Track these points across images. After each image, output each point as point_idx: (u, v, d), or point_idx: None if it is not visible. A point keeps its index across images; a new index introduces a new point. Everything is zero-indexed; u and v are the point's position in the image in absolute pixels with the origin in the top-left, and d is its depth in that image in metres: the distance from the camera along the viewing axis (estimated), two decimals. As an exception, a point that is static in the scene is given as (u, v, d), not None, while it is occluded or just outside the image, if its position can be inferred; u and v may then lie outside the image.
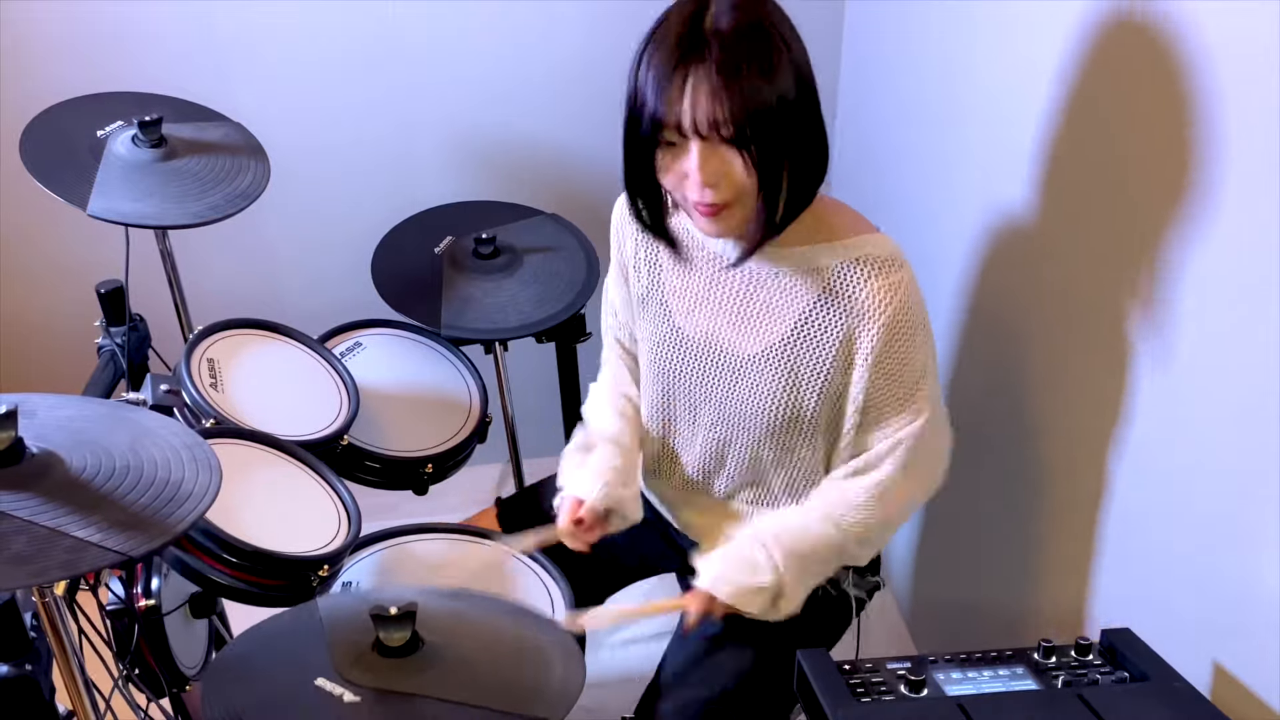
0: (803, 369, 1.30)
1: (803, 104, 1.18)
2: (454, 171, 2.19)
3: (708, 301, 1.36)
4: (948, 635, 1.92)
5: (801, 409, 1.32)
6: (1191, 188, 1.15)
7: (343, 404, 1.64)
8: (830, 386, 1.30)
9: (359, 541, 1.47)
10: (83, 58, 1.97)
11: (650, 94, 1.16)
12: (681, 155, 1.18)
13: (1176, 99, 1.15)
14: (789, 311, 1.30)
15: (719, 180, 1.18)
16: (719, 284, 1.35)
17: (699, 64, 1.13)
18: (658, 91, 1.15)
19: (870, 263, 1.25)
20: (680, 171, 1.20)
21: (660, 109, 1.15)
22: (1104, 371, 1.34)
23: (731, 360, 1.35)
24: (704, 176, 1.17)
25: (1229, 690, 1.15)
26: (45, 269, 2.16)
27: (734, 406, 1.37)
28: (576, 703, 1.08)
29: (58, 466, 1.01)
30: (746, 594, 1.29)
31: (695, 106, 1.14)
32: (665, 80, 1.14)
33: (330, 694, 1.04)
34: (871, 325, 1.25)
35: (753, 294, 1.33)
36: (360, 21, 2.02)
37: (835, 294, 1.27)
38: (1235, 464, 1.13)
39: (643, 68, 1.17)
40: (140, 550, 0.95)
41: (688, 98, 1.14)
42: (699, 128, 1.15)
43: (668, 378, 1.42)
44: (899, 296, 1.25)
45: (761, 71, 1.13)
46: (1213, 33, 1.11)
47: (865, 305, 1.25)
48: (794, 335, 1.30)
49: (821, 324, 1.28)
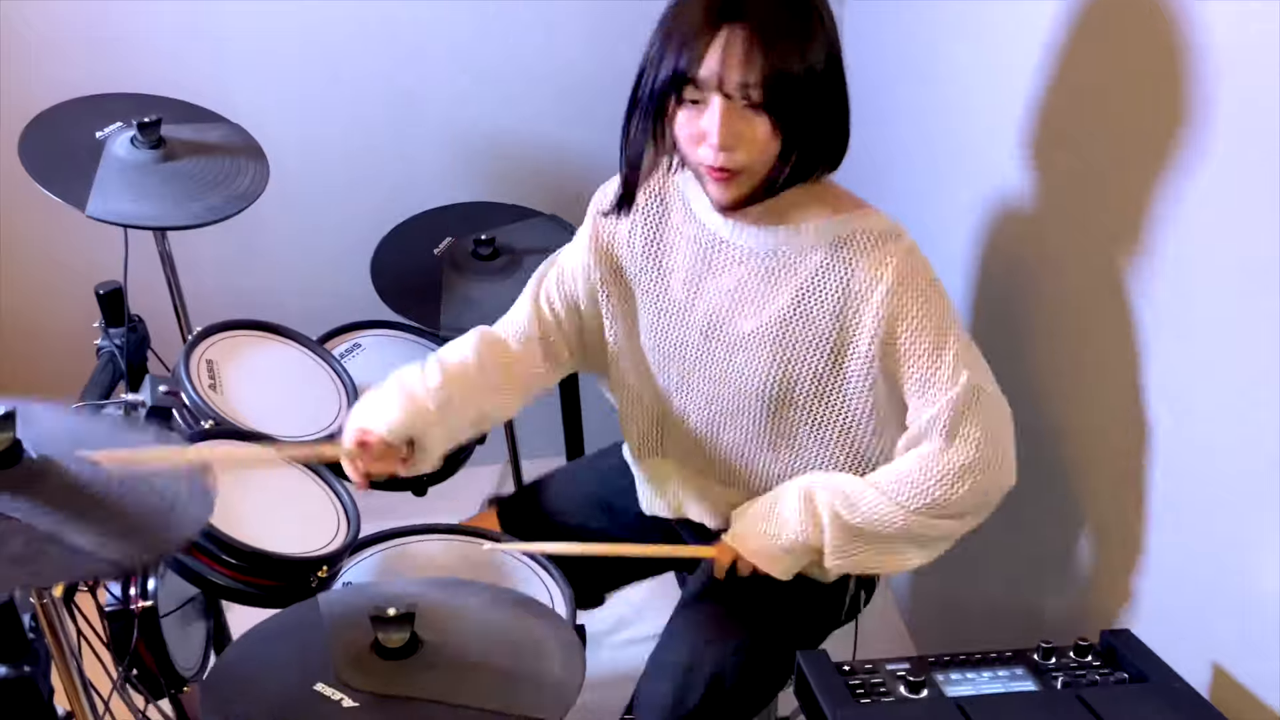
0: (796, 346, 1.29)
1: (831, 80, 1.18)
2: (454, 172, 2.19)
3: (705, 279, 1.34)
4: (948, 636, 1.92)
5: (794, 385, 1.31)
6: (1195, 181, 1.15)
7: (342, 405, 1.63)
8: (826, 363, 1.28)
9: (358, 543, 1.47)
10: (82, 58, 1.97)
11: (678, 46, 1.13)
12: (700, 114, 1.17)
13: (1178, 92, 1.15)
14: (785, 288, 1.29)
15: (737, 143, 1.16)
16: (715, 259, 1.33)
17: (736, 23, 1.11)
18: (688, 45, 1.13)
19: (866, 236, 1.24)
20: (698, 131, 1.18)
21: (687, 63, 1.13)
22: (1104, 372, 1.34)
23: (728, 336, 1.34)
24: (723, 138, 1.16)
25: (1229, 691, 1.15)
26: (44, 270, 2.16)
27: (728, 382, 1.35)
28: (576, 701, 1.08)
29: (55, 471, 1.01)
30: (771, 554, 1.30)
31: (726, 65, 1.12)
32: (697, 35, 1.12)
33: (329, 699, 1.04)
34: (872, 297, 1.23)
35: (749, 270, 1.31)
36: (360, 23, 2.02)
37: (830, 270, 1.25)
38: (1235, 464, 1.13)
39: (673, 20, 1.15)
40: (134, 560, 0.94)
41: (718, 55, 1.12)
42: (726, 86, 1.13)
43: (665, 357, 1.40)
44: (896, 264, 1.22)
45: (799, 39, 1.13)
46: (1212, 23, 1.10)
47: (861, 280, 1.23)
48: (789, 311, 1.28)
49: (815, 302, 1.26)
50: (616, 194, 1.35)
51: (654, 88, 1.18)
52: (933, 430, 1.25)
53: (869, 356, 1.26)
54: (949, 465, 1.25)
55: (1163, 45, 1.16)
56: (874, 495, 1.27)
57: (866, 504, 1.27)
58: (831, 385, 1.30)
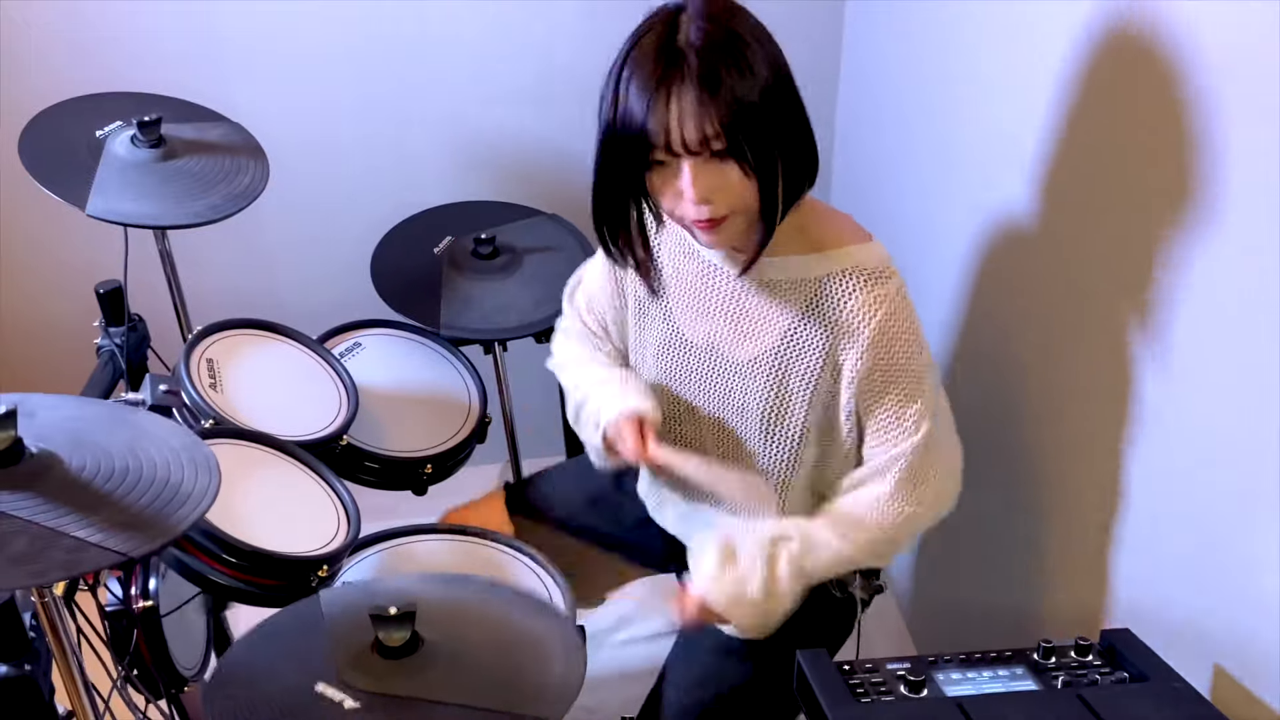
0: (791, 378, 1.30)
1: (784, 99, 1.17)
2: (454, 171, 2.19)
3: (706, 306, 1.36)
4: (948, 635, 1.92)
5: (790, 416, 1.32)
6: (1193, 189, 1.15)
7: (342, 404, 1.63)
8: (819, 396, 1.30)
9: (358, 542, 1.47)
10: (82, 58, 1.97)
11: (636, 116, 1.14)
12: (673, 174, 1.17)
13: (1176, 100, 1.15)
14: (778, 322, 1.30)
15: (714, 195, 1.17)
16: (715, 290, 1.34)
17: (679, 80, 1.12)
18: (643, 113, 1.13)
19: (856, 274, 1.25)
20: (675, 191, 1.18)
21: (648, 130, 1.13)
22: (1103, 373, 1.34)
23: (728, 364, 1.35)
24: (698, 193, 1.16)
25: (1229, 690, 1.15)
26: (44, 269, 2.16)
27: (730, 410, 1.37)
28: (576, 701, 1.08)
29: (57, 467, 1.01)
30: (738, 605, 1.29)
31: (682, 124, 1.12)
32: (649, 101, 1.12)
33: (331, 700, 1.04)
34: (857, 339, 1.25)
35: (745, 301, 1.32)
36: (360, 21, 2.02)
37: (820, 306, 1.27)
38: (1235, 464, 1.13)
39: (622, 91, 1.15)
40: (140, 551, 0.95)
41: (674, 116, 1.12)
42: (689, 145, 1.14)
43: (670, 380, 1.42)
44: (884, 309, 1.24)
45: (740, 75, 1.12)
46: (1212, 33, 1.11)
47: (850, 319, 1.25)
48: (782, 345, 1.30)
49: (807, 336, 1.28)
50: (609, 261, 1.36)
51: (623, 165, 1.19)
52: (890, 471, 1.29)
53: (851, 392, 1.28)
54: (898, 513, 1.30)
55: (1165, 55, 1.16)
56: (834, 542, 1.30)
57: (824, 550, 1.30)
58: (827, 413, 1.32)
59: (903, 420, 1.28)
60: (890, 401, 1.28)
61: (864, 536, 1.31)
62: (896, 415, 1.28)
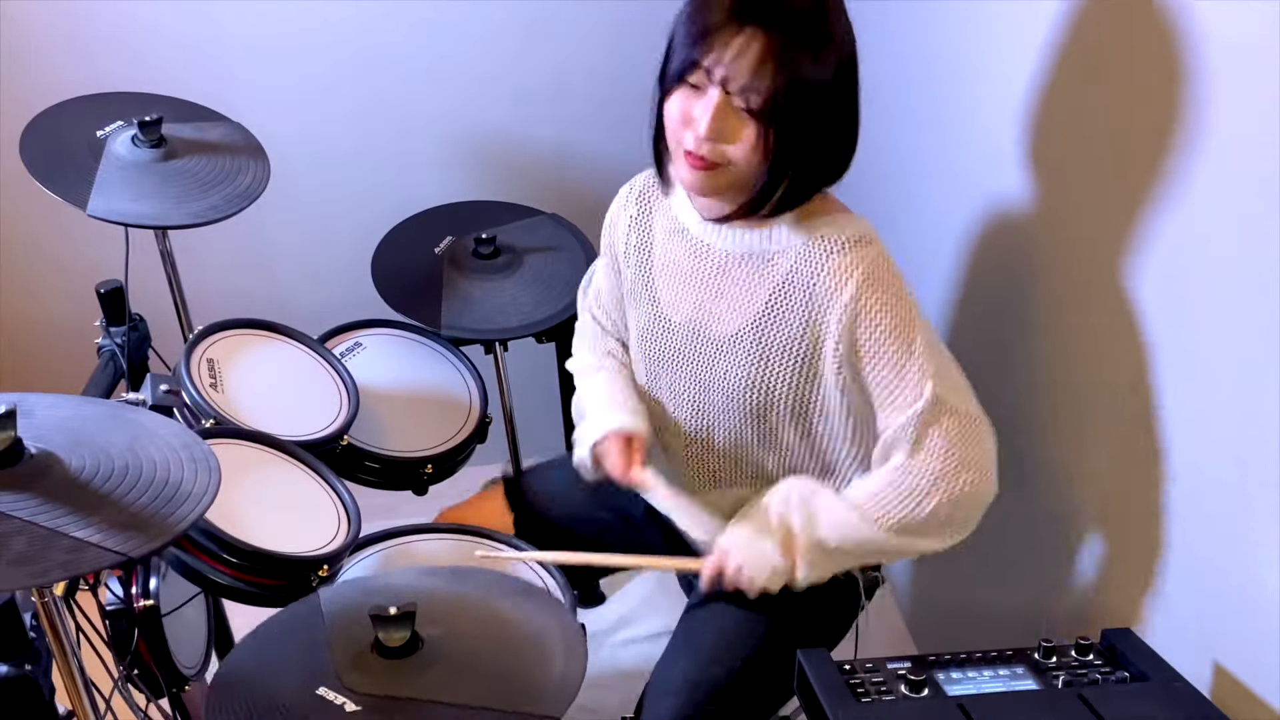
0: (772, 350, 1.29)
1: (839, 99, 1.17)
2: (454, 171, 2.19)
3: (690, 284, 1.35)
4: (948, 635, 1.92)
5: (773, 390, 1.31)
6: (1192, 183, 1.15)
7: (342, 404, 1.63)
8: (801, 369, 1.29)
9: (359, 542, 1.47)
10: (83, 58, 1.97)
11: (695, 32, 1.14)
12: (697, 99, 1.17)
13: (1175, 95, 1.15)
14: (758, 293, 1.29)
15: (720, 138, 1.17)
16: (699, 265, 1.34)
17: (758, 27, 1.11)
18: (703, 32, 1.13)
19: (831, 241, 1.24)
20: (688, 114, 1.18)
21: (699, 52, 1.13)
22: (1103, 371, 1.34)
23: (710, 340, 1.34)
24: (710, 129, 1.16)
25: (1229, 690, 1.15)
26: (45, 269, 2.16)
27: (713, 386, 1.36)
28: (576, 700, 1.08)
29: (57, 467, 1.01)
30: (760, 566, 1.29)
31: (736, 65, 1.12)
32: (715, 26, 1.12)
33: (332, 703, 1.03)
34: (835, 304, 1.23)
35: (727, 274, 1.32)
36: (360, 21, 2.02)
37: (798, 275, 1.26)
38: (1235, 463, 1.13)
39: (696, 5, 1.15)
40: (140, 551, 0.95)
41: (731, 53, 1.12)
42: (729, 84, 1.13)
43: (654, 363, 1.42)
44: (862, 269, 1.22)
45: (813, 60, 1.12)
46: (1212, 31, 1.10)
47: (827, 281, 1.24)
48: (762, 317, 1.29)
49: (786, 306, 1.27)
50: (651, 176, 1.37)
51: (671, 73, 1.19)
52: (901, 440, 1.25)
53: (836, 359, 1.26)
54: (916, 479, 1.24)
55: (1165, 50, 1.16)
56: (854, 518, 1.27)
57: (846, 525, 1.27)
58: (809, 388, 1.31)
59: (903, 382, 1.23)
60: (883, 366, 1.23)
61: (881, 508, 1.25)
62: (895, 378, 1.23)
